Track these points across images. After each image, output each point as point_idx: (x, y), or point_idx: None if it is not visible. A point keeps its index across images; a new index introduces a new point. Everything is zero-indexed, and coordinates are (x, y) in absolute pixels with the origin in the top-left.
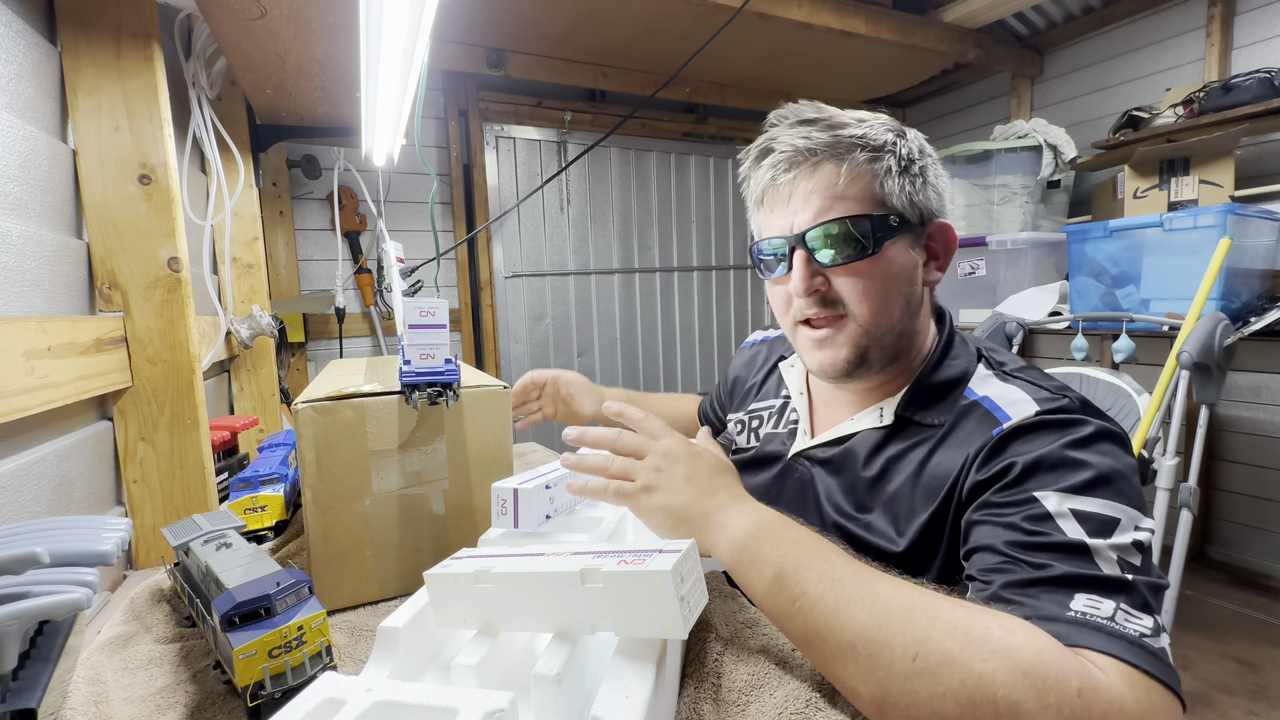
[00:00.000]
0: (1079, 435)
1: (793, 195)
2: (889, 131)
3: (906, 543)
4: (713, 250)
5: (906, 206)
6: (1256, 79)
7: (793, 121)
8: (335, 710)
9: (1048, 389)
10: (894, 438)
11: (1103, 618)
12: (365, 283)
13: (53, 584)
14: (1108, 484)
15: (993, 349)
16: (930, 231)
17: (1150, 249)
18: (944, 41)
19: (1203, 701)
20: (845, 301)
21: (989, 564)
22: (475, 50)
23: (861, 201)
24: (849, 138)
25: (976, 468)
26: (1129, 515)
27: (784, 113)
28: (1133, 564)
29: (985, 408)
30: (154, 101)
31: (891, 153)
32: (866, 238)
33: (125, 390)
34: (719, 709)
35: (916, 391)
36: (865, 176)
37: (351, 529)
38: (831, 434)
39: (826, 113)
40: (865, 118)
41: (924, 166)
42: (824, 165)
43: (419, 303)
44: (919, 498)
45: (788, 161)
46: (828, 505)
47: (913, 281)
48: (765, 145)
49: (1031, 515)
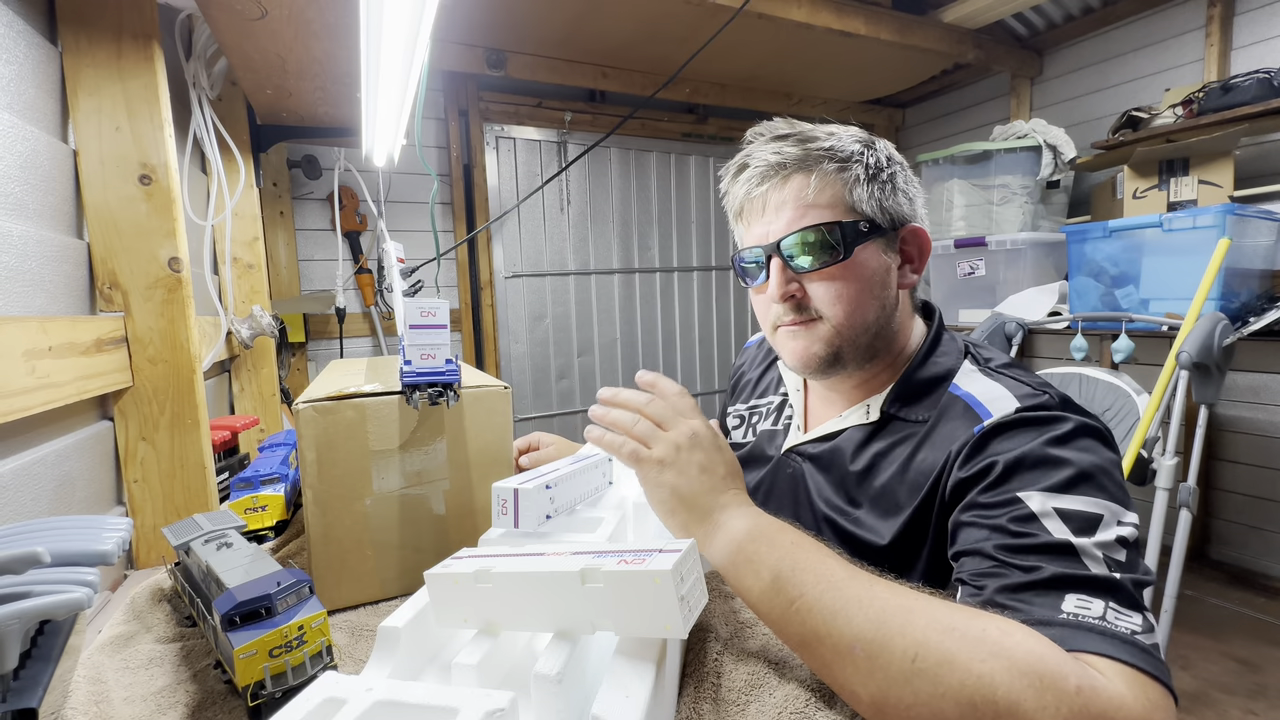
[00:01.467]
0: (1059, 432)
1: (766, 206)
2: (856, 142)
3: (891, 537)
4: (713, 250)
5: (877, 212)
6: (1256, 79)
7: (768, 138)
8: (336, 710)
9: (1029, 385)
10: (880, 433)
11: (1094, 618)
12: (366, 283)
13: (53, 584)
14: (1089, 480)
15: (980, 346)
16: (903, 235)
17: (1149, 249)
18: (944, 42)
19: (1202, 701)
20: (819, 305)
21: (979, 568)
22: (475, 50)
23: (832, 209)
24: (817, 150)
25: (959, 465)
26: (1111, 510)
27: (761, 129)
28: (1119, 560)
29: (967, 403)
30: (155, 102)
31: (859, 161)
32: (838, 243)
33: (126, 390)
34: (719, 709)
35: (902, 388)
36: (835, 185)
37: (352, 529)
38: (821, 430)
39: (799, 128)
40: (835, 130)
41: (892, 174)
42: (794, 176)
43: (419, 303)
44: (904, 493)
45: (760, 175)
46: (818, 500)
47: (886, 285)
48: (741, 161)
49: (1017, 516)
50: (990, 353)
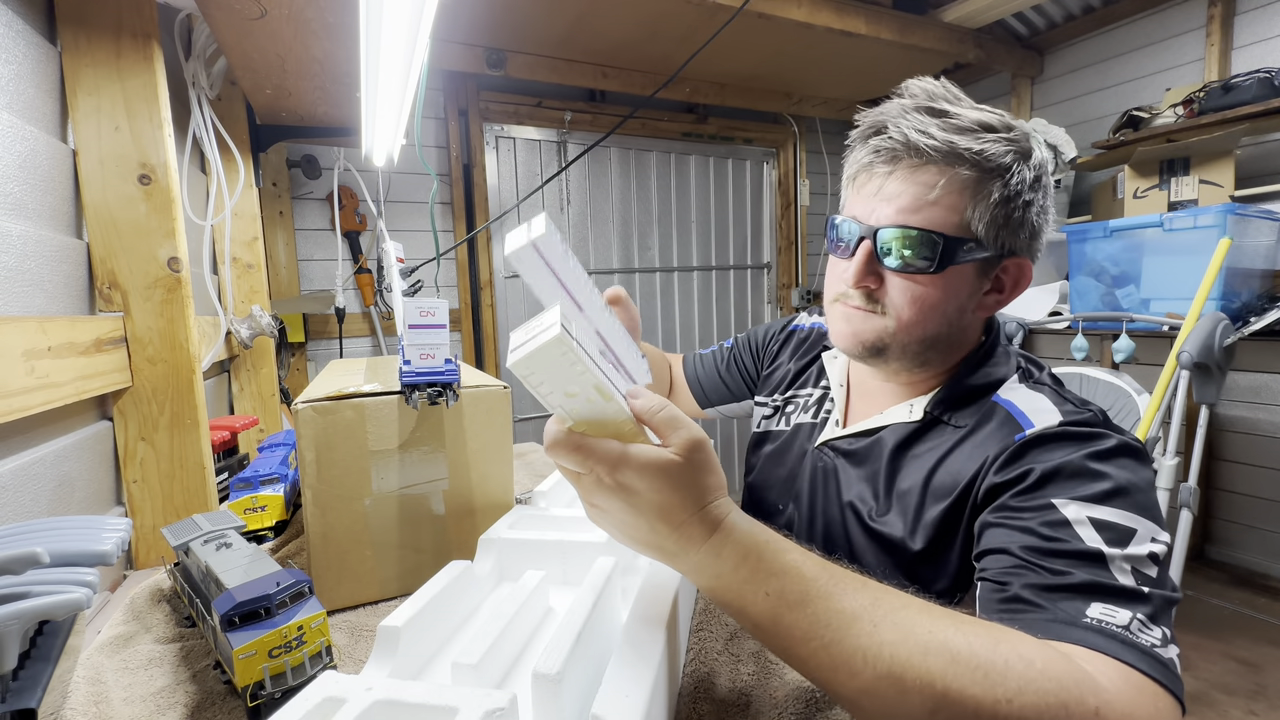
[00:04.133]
0: (1101, 448)
1: (883, 187)
2: (1010, 153)
3: (923, 541)
4: (713, 250)
5: (989, 237)
6: (1256, 79)
7: (919, 105)
8: (335, 709)
9: (1073, 402)
10: (921, 434)
11: (1118, 626)
12: (365, 283)
13: (53, 584)
14: (1126, 495)
15: (1031, 359)
16: (1006, 265)
17: (1150, 249)
18: (944, 41)
19: (1203, 701)
20: (889, 302)
21: (1005, 565)
22: (475, 50)
23: (946, 218)
24: (964, 149)
25: (995, 470)
26: (1146, 527)
27: (917, 86)
28: (1148, 575)
29: (1009, 413)
30: (154, 101)
31: (1001, 179)
32: (934, 255)
33: (125, 390)
34: (719, 709)
35: (950, 392)
36: (962, 195)
37: (351, 529)
38: (861, 425)
39: (956, 111)
40: (992, 125)
41: (1028, 202)
42: (926, 169)
43: (419, 303)
44: (935, 495)
45: (891, 152)
46: (849, 495)
47: (963, 309)
48: (879, 122)
49: (1049, 521)
50: (1039, 368)
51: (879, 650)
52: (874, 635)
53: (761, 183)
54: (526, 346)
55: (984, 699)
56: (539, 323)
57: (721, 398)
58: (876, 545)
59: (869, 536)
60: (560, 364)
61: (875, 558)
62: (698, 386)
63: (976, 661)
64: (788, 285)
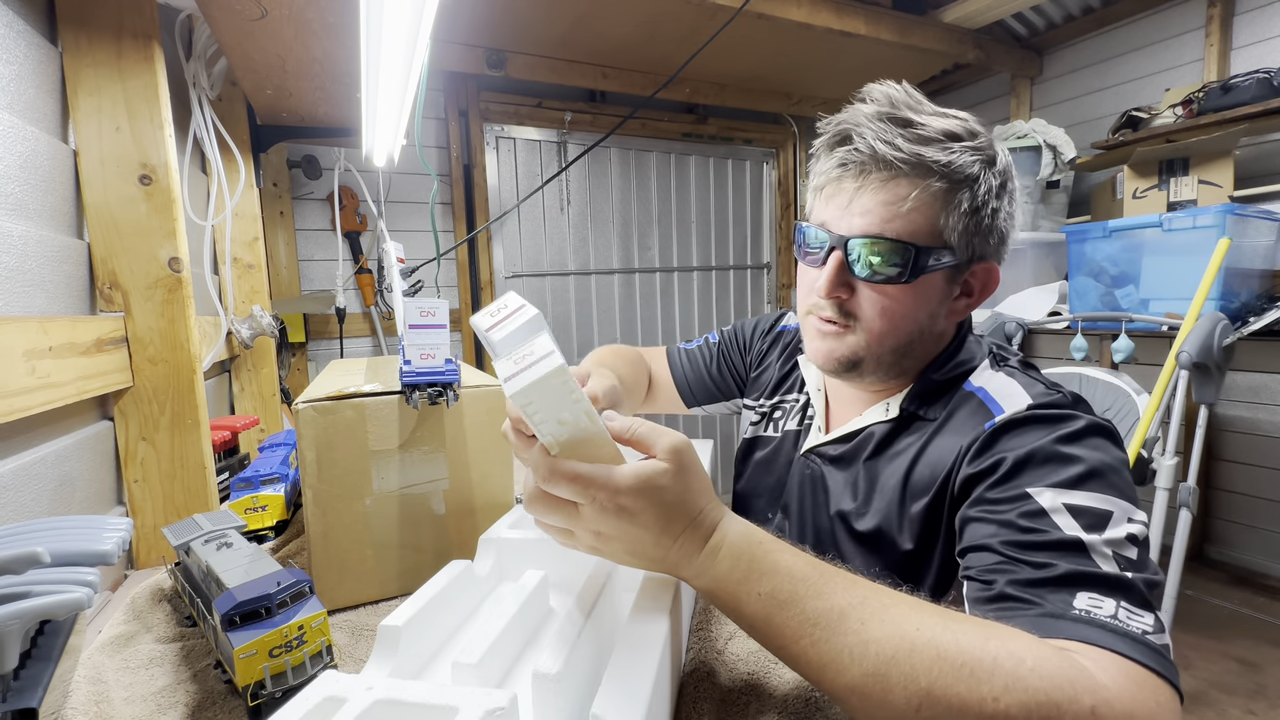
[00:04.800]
0: (1070, 430)
1: (854, 200)
2: (977, 162)
3: (911, 540)
4: (713, 250)
5: (960, 244)
6: (1255, 79)
7: (883, 114)
8: (335, 708)
9: (1043, 384)
10: (899, 432)
11: (1106, 615)
12: (366, 283)
13: (54, 584)
14: (1099, 477)
15: (1002, 347)
16: (974, 269)
17: (1149, 249)
18: (943, 42)
19: (1202, 701)
20: (860, 315)
21: (988, 563)
22: (475, 50)
23: (917, 229)
24: (933, 160)
25: (968, 461)
26: (1121, 508)
27: (879, 93)
28: (1129, 559)
29: (980, 399)
30: (155, 102)
31: (969, 188)
32: (906, 265)
33: (126, 390)
34: (719, 709)
35: (923, 387)
36: (933, 206)
37: (352, 529)
38: (843, 430)
39: (920, 120)
40: (958, 133)
41: (995, 209)
42: (897, 181)
43: (419, 303)
44: (915, 491)
45: (859, 165)
46: (836, 501)
47: (934, 315)
48: (844, 131)
49: (1026, 512)
50: (1008, 353)
51: (865, 648)
52: (861, 633)
53: (761, 183)
54: (525, 376)
55: (969, 697)
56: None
57: (709, 398)
58: (866, 549)
59: (858, 542)
60: (560, 392)
61: (866, 561)
62: (685, 386)
63: (963, 659)
64: (787, 285)
